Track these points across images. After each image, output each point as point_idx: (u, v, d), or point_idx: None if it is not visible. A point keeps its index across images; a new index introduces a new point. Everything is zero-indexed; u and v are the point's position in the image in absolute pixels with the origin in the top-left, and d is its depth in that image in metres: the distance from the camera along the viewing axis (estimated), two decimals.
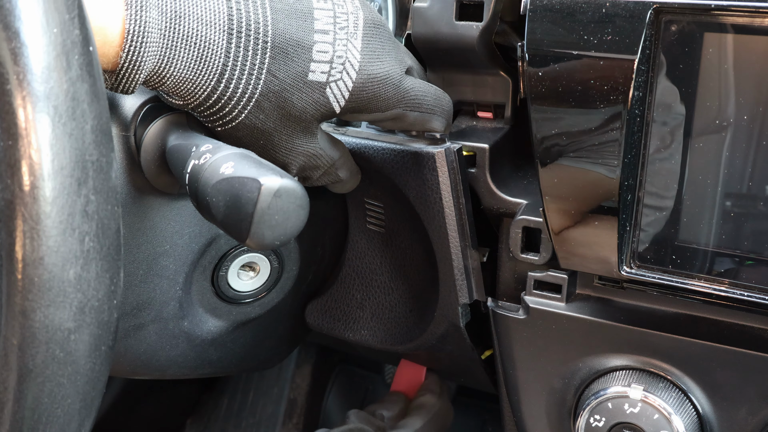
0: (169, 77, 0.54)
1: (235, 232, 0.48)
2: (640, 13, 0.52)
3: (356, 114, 0.63)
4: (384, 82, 0.62)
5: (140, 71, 0.53)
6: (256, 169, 0.48)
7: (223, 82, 0.55)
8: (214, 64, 0.55)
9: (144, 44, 0.52)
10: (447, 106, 0.68)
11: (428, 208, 0.69)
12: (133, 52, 0.52)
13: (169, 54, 0.53)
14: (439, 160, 0.66)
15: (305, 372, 1.29)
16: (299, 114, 0.59)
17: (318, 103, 0.59)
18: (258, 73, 0.56)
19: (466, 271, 0.70)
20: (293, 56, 0.57)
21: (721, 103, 0.53)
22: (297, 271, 0.79)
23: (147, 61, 0.53)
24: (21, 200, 0.38)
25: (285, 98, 0.58)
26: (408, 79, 0.64)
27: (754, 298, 0.56)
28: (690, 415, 0.62)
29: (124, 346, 0.70)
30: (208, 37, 0.54)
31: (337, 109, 0.61)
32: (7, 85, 0.37)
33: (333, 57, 0.59)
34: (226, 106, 0.57)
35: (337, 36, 0.59)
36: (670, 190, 0.57)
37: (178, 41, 0.53)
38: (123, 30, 0.51)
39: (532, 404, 0.71)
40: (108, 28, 0.51)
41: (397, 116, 0.65)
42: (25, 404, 0.41)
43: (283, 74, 0.57)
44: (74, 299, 0.40)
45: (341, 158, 0.67)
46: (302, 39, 0.57)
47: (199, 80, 0.55)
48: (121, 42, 0.51)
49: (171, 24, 0.53)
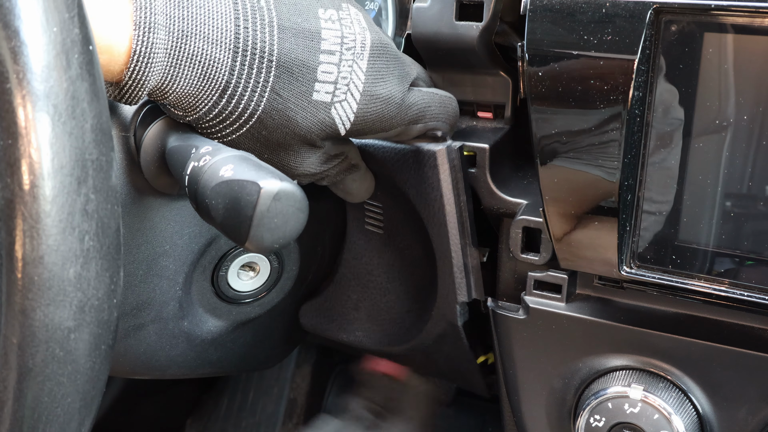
0: (171, 92, 0.55)
1: (234, 234, 0.48)
2: (640, 13, 0.52)
3: (361, 134, 0.63)
4: (387, 102, 0.62)
5: (144, 88, 0.53)
6: (255, 171, 0.48)
7: (225, 98, 0.56)
8: (218, 81, 0.55)
9: (149, 64, 0.52)
10: (453, 111, 0.68)
11: (429, 206, 0.69)
12: (138, 71, 0.52)
13: (173, 72, 0.54)
14: (440, 158, 0.66)
15: (305, 372, 1.29)
16: (304, 133, 0.59)
17: (324, 124, 0.60)
18: (262, 91, 0.56)
19: (465, 269, 0.70)
20: (298, 76, 0.57)
21: (721, 103, 0.53)
22: (297, 271, 0.79)
23: (151, 79, 0.53)
24: (21, 199, 0.38)
25: (289, 117, 0.58)
26: (411, 94, 0.64)
27: (754, 298, 0.56)
28: (690, 415, 0.62)
29: (124, 346, 0.70)
30: (213, 55, 0.54)
31: (343, 131, 0.61)
32: (7, 84, 0.37)
33: (338, 78, 0.59)
34: (226, 120, 0.57)
35: (344, 57, 0.59)
36: (670, 190, 0.57)
37: (183, 60, 0.53)
38: (129, 49, 0.51)
39: (532, 404, 0.71)
40: (115, 46, 0.51)
41: (401, 132, 0.65)
42: (25, 403, 0.41)
43: (287, 93, 0.57)
44: (74, 298, 0.40)
45: (350, 148, 0.67)
46: (307, 59, 0.57)
47: (201, 95, 0.55)
48: (127, 60, 0.51)
49: (177, 44, 0.53)
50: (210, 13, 0.54)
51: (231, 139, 0.58)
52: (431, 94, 0.66)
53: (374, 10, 0.78)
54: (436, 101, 0.66)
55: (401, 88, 0.63)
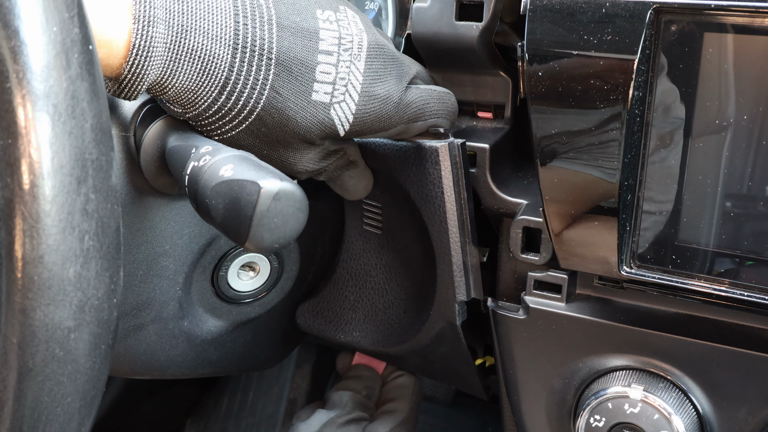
0: (170, 87, 0.55)
1: (234, 234, 0.48)
2: (640, 13, 0.52)
3: (360, 134, 0.63)
4: (385, 102, 0.62)
5: (143, 82, 0.53)
6: (255, 171, 0.48)
7: (225, 94, 0.56)
8: (217, 77, 0.55)
9: (149, 58, 0.52)
10: (452, 107, 0.68)
11: (429, 203, 0.69)
12: (137, 65, 0.52)
13: (173, 66, 0.54)
14: (442, 154, 0.66)
15: (305, 372, 1.29)
16: (304, 133, 0.60)
17: (323, 124, 0.60)
18: (261, 88, 0.56)
19: (464, 268, 0.70)
20: (297, 74, 0.57)
21: (721, 103, 0.53)
22: (297, 271, 0.79)
23: (150, 73, 0.53)
24: (21, 199, 0.38)
25: (288, 116, 0.58)
26: (409, 92, 0.64)
27: (754, 298, 0.56)
28: (690, 415, 0.62)
29: (124, 346, 0.70)
30: (212, 51, 0.54)
31: (342, 132, 0.61)
32: (7, 84, 0.37)
33: (336, 78, 0.59)
34: (225, 117, 0.57)
35: (341, 58, 0.59)
36: (670, 190, 0.57)
37: (183, 54, 0.54)
38: (129, 43, 0.51)
39: (532, 404, 0.71)
40: (114, 40, 0.51)
41: (401, 131, 0.65)
42: (24, 403, 0.41)
43: (286, 91, 0.57)
44: (74, 298, 0.40)
45: (349, 144, 0.67)
46: (306, 58, 0.58)
47: (201, 91, 0.55)
48: (126, 54, 0.51)
49: (177, 38, 0.53)
50: (210, 8, 0.54)
51: (230, 137, 0.59)
52: (429, 91, 0.66)
53: (374, 10, 0.78)
54: (434, 98, 0.66)
55: (399, 87, 0.63)
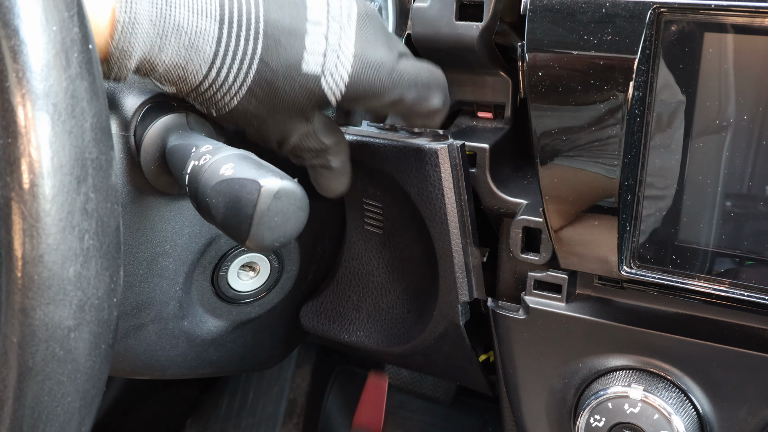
0: (160, 64, 0.55)
1: (234, 233, 0.48)
2: (640, 13, 0.52)
3: (354, 103, 0.63)
4: (379, 69, 0.62)
5: (130, 59, 0.53)
6: (255, 170, 0.48)
7: (215, 69, 0.56)
8: (205, 52, 0.55)
9: (134, 33, 0.52)
10: (442, 80, 0.68)
11: (430, 205, 0.69)
12: (123, 41, 0.52)
13: (160, 42, 0.54)
14: (441, 156, 0.66)
15: (305, 372, 1.29)
16: (294, 103, 0.59)
17: (313, 94, 0.59)
18: (250, 61, 0.56)
19: (466, 269, 0.70)
20: (286, 45, 0.57)
21: (721, 103, 0.53)
22: (297, 271, 0.79)
23: (137, 49, 0.53)
24: (20, 198, 0.38)
25: (278, 87, 0.58)
26: (401, 62, 0.64)
27: (754, 298, 0.56)
28: (690, 415, 0.62)
29: (124, 346, 0.70)
30: (199, 25, 0.54)
31: (334, 101, 0.61)
32: (6, 83, 0.37)
33: (326, 48, 0.59)
34: (218, 93, 0.57)
35: (330, 27, 0.59)
36: (670, 190, 0.57)
37: (169, 30, 0.54)
38: (113, 19, 0.51)
39: (532, 404, 0.71)
40: (98, 17, 0.51)
41: (396, 101, 0.64)
42: (25, 402, 0.41)
43: (275, 63, 0.57)
44: (74, 297, 0.40)
45: (336, 146, 0.67)
46: (295, 28, 0.57)
47: (190, 67, 0.55)
48: (111, 31, 0.52)
49: (162, 13, 0.53)
50: None
51: (225, 112, 0.59)
52: (419, 63, 0.66)
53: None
54: (425, 68, 0.66)
55: (391, 56, 0.63)
